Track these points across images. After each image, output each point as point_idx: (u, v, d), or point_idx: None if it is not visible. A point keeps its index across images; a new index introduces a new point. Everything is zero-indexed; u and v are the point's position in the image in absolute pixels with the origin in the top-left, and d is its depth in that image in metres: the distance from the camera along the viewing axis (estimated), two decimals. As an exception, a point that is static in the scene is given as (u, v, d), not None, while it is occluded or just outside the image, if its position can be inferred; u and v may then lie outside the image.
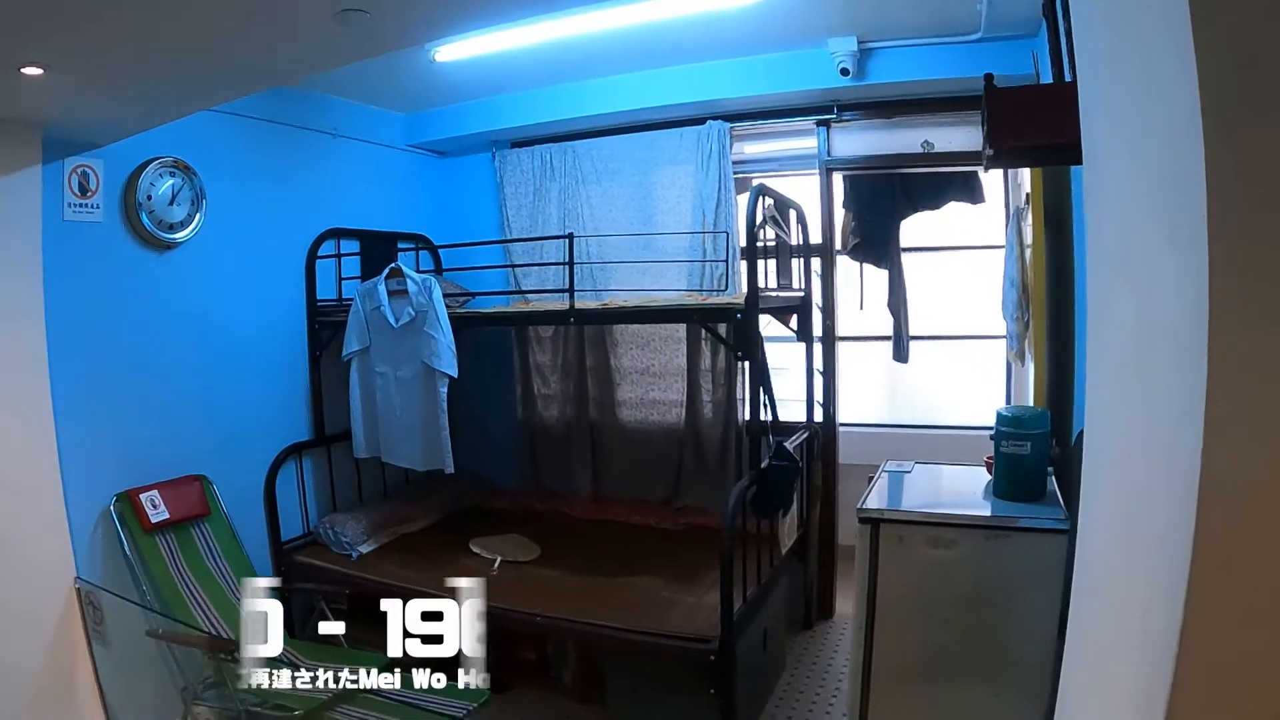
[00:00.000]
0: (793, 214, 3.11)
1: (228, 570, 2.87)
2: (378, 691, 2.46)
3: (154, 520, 2.72)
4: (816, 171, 3.21)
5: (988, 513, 1.99)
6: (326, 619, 2.75)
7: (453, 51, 2.89)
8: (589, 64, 3.13)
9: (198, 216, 2.92)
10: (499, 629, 2.87)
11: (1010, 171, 3.06)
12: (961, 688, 1.94)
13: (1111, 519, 0.86)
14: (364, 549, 3.10)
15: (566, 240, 2.78)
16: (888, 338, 3.57)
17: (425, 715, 2.39)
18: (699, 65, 3.08)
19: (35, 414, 2.45)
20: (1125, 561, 0.79)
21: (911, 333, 3.60)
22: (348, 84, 3.24)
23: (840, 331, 3.33)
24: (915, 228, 3.64)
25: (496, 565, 2.88)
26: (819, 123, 3.14)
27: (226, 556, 2.88)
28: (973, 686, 1.92)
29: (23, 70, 1.95)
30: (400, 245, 3.69)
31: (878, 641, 2.02)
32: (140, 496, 2.73)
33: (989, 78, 1.63)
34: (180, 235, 2.89)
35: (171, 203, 2.84)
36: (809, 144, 3.22)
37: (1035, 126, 1.43)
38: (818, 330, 3.23)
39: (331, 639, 2.71)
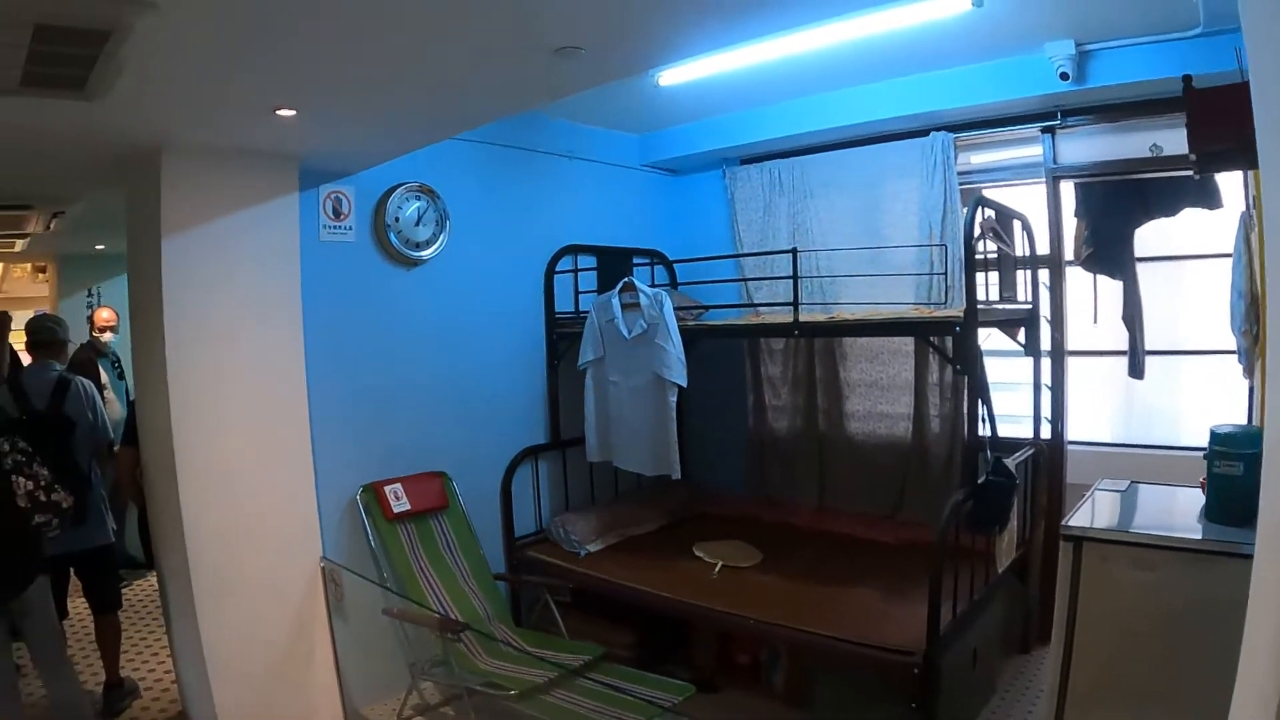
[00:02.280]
0: (1017, 225, 3.43)
1: (461, 559, 3.65)
2: (590, 679, 3.12)
3: (396, 510, 3.53)
4: (1043, 180, 3.54)
5: (1196, 535, 2.14)
6: (550, 610, 3.51)
7: (675, 76, 3.41)
8: (811, 80, 3.58)
9: (442, 236, 3.75)
10: (715, 631, 3.51)
11: (1248, 173, 3.22)
12: (1161, 716, 2.07)
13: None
14: (591, 548, 3.78)
15: (792, 254, 3.27)
16: (1122, 352, 3.70)
17: (633, 704, 2.82)
18: (919, 76, 3.47)
19: (294, 413, 3.26)
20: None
21: (1147, 347, 3.66)
22: (581, 109, 3.95)
23: (1071, 345, 3.63)
24: (1151, 236, 3.85)
25: (717, 570, 3.39)
26: (1043, 129, 3.47)
27: (461, 547, 3.67)
28: (1173, 715, 2.04)
29: (277, 112, 2.62)
30: (636, 260, 4.46)
31: (1076, 662, 2.20)
32: (385, 488, 3.54)
33: (1187, 79, 1.78)
34: (426, 253, 3.71)
35: (417, 224, 3.67)
36: (1035, 152, 3.56)
37: (1231, 127, 1.52)
38: (1046, 344, 3.53)
39: (553, 628, 3.51)
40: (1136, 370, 3.83)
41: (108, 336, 5.20)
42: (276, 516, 3.21)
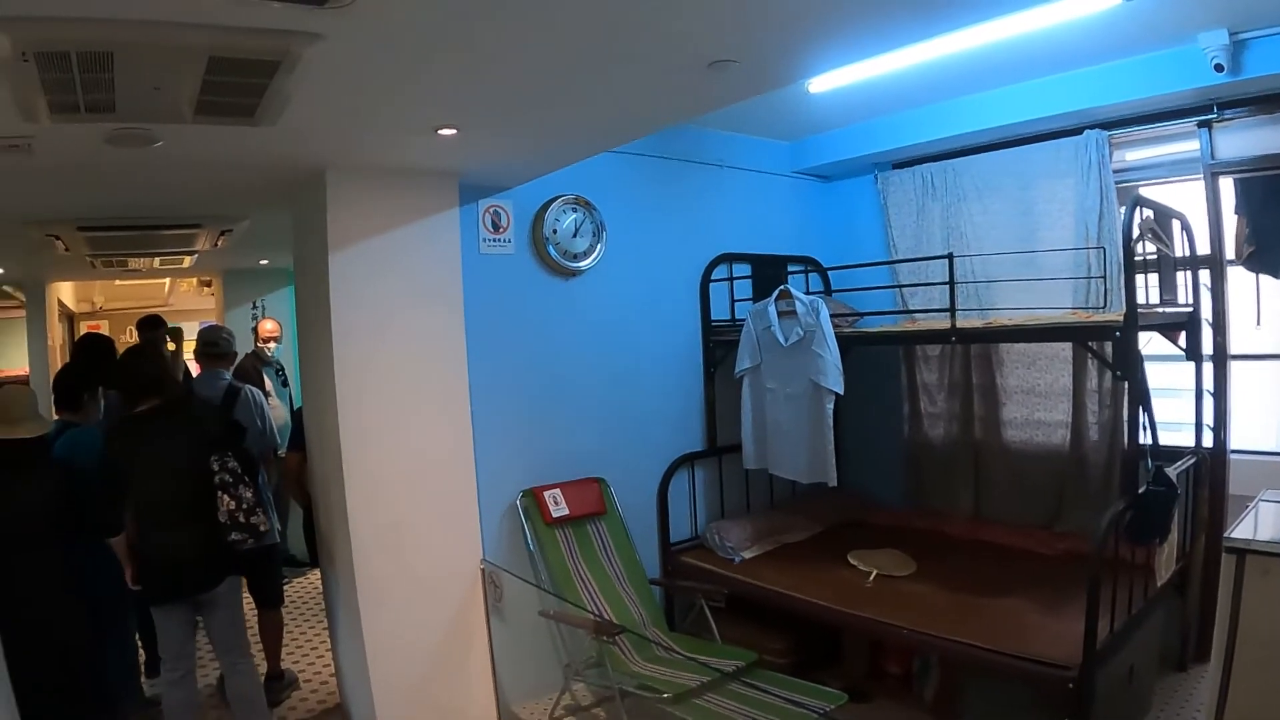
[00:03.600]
0: (1176, 224, 3.53)
1: (617, 564, 4.07)
2: (743, 684, 3.41)
3: (554, 515, 3.97)
4: (1201, 176, 3.61)
5: (1371, 550, 2.15)
6: (704, 616, 3.88)
7: (825, 82, 3.65)
8: (962, 81, 3.79)
9: (599, 246, 4.19)
10: (867, 640, 3.82)
11: None
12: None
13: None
14: (746, 554, 4.06)
15: (947, 260, 3.46)
16: (1290, 356, 3.67)
17: (785, 710, 3.03)
18: (1069, 74, 3.64)
19: (457, 419, 3.69)
20: None
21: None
22: (731, 117, 4.21)
23: (1234, 349, 3.69)
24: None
25: (872, 578, 3.63)
26: (1199, 124, 3.57)
27: (617, 551, 4.09)
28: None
29: (439, 132, 2.97)
30: (790, 268, 4.84)
31: (1235, 682, 2.24)
32: (544, 494, 3.99)
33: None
34: (584, 264, 4.15)
35: (575, 235, 4.11)
36: (1191, 147, 3.66)
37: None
38: (1208, 348, 3.63)
39: (706, 634, 3.86)
40: (1306, 375, 3.93)
41: (272, 346, 5.86)
42: (439, 520, 3.65)
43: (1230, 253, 3.82)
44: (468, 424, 3.65)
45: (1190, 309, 3.69)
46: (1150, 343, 3.51)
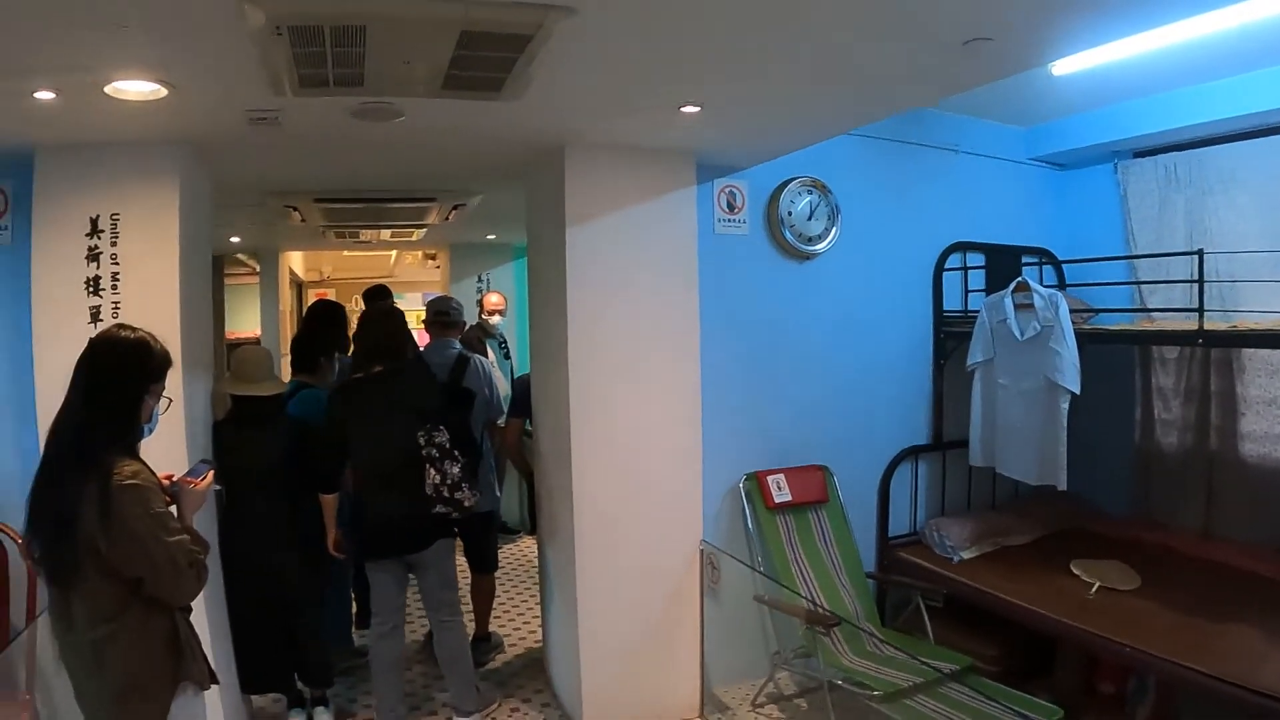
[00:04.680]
0: None
1: (836, 554, 4.26)
2: (956, 689, 3.58)
3: (777, 500, 4.20)
4: None
5: None
6: (921, 614, 4.05)
7: (1070, 64, 3.61)
8: (1211, 64, 3.67)
9: (833, 230, 4.39)
10: (1084, 654, 3.80)
11: None
12: None
13: None
14: (965, 555, 4.11)
15: (1195, 257, 3.42)
16: None
17: None
18: None
19: (688, 398, 3.91)
20: None
21: None
22: (966, 100, 4.20)
23: None
24: None
25: (1094, 590, 3.65)
26: None
27: (837, 542, 4.28)
28: None
29: (682, 109, 3.15)
30: (1024, 259, 4.91)
31: None
32: (767, 478, 4.21)
33: None
34: (818, 247, 4.36)
35: (810, 218, 4.33)
36: None
37: None
38: None
39: (919, 633, 4.04)
40: None
41: (495, 319, 6.30)
42: (663, 498, 3.89)
43: None
44: (697, 403, 3.84)
45: None
46: None
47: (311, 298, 10.12)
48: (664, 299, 3.88)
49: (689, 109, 3.01)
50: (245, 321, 9.49)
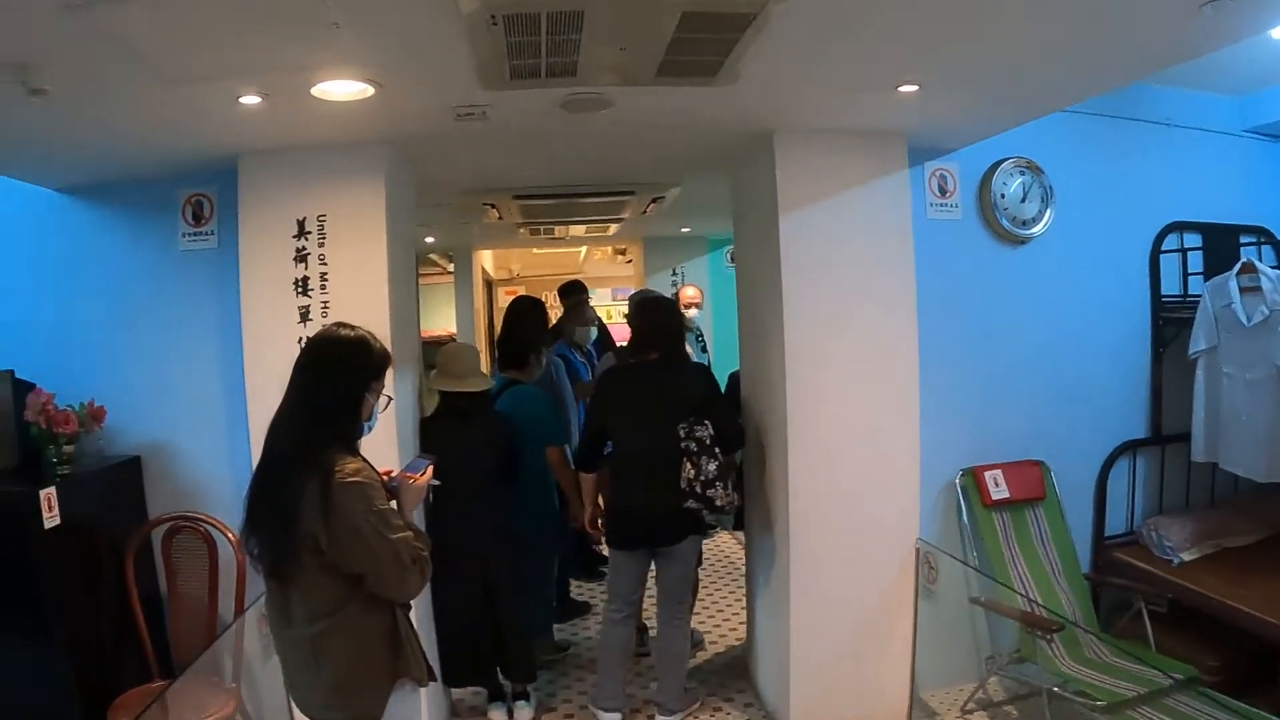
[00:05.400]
0: None
1: (1053, 554, 4.20)
2: (1179, 701, 3.47)
3: (994, 497, 4.17)
4: None
5: None
6: (1142, 619, 3.96)
7: None
8: None
9: (1047, 213, 4.33)
10: None
11: None
12: None
13: None
14: (1185, 556, 4.01)
15: None
16: None
17: None
18: None
19: (904, 390, 3.90)
20: None
21: None
22: (1174, 70, 3.97)
23: None
24: None
25: None
26: None
27: (1054, 541, 4.22)
28: None
29: (899, 89, 3.13)
30: (1242, 239, 4.75)
31: None
32: (984, 474, 4.18)
33: None
34: (1032, 231, 4.31)
35: (1023, 200, 4.28)
36: None
37: None
38: None
39: (1140, 639, 3.94)
40: None
41: (692, 312, 6.39)
42: (878, 494, 3.89)
43: None
44: (915, 396, 3.83)
45: None
46: None
47: (501, 296, 10.59)
48: (880, 289, 3.88)
49: (907, 88, 3.00)
50: (438, 320, 9.82)
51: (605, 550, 4.27)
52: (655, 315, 3.91)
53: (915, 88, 2.99)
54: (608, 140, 3.67)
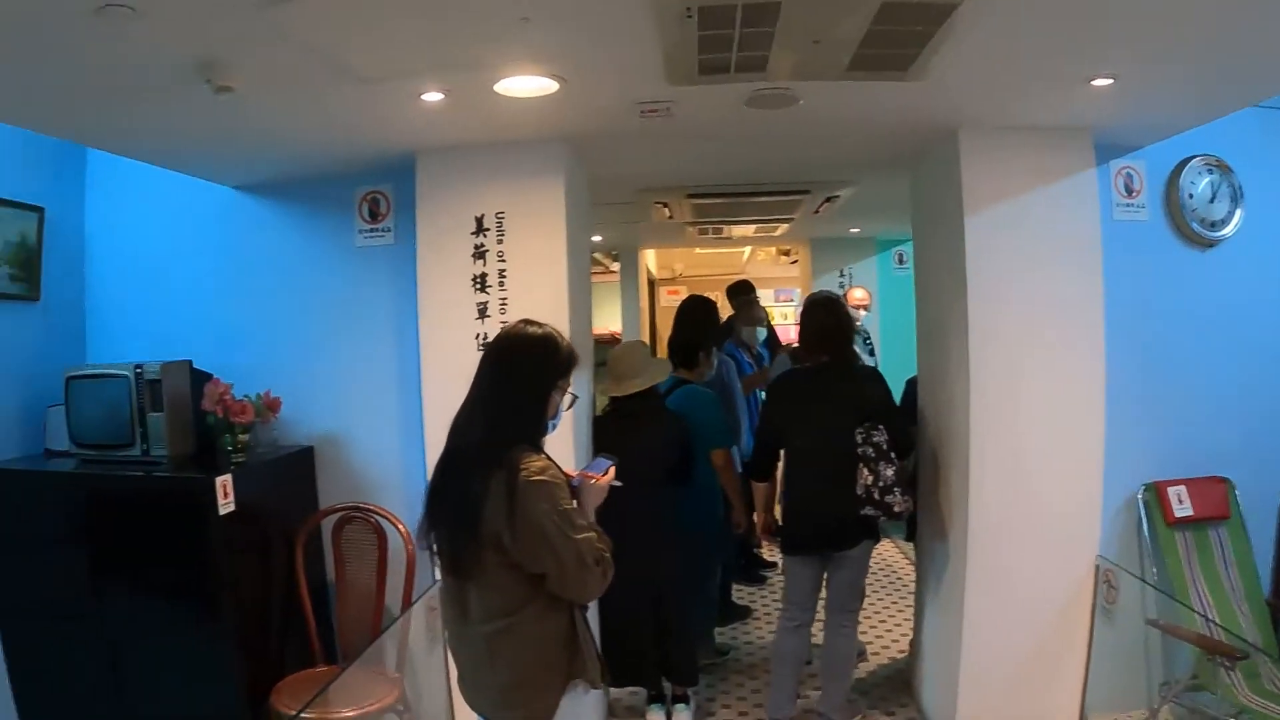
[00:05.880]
0: None
1: (1235, 577, 4.02)
2: None
3: (1177, 515, 3.98)
4: None
5: None
6: None
7: None
8: None
9: (1236, 214, 4.14)
10: None
11: None
12: None
13: None
14: None
15: None
16: None
17: None
18: None
19: (1089, 400, 3.74)
20: None
21: None
22: None
23: None
24: None
25: None
26: None
27: (1237, 564, 4.04)
28: None
29: (1092, 83, 2.98)
30: None
31: None
32: (1168, 490, 4.00)
33: None
34: (1221, 233, 4.12)
35: (1211, 200, 4.10)
36: None
37: None
38: None
39: None
40: None
41: (860, 314, 6.34)
42: (1059, 508, 3.75)
43: None
44: (1100, 406, 3.78)
45: None
46: None
47: (663, 295, 10.82)
48: (1067, 295, 3.74)
49: (1101, 81, 2.88)
50: (601, 319, 9.96)
51: (767, 554, 4.21)
52: (824, 316, 3.85)
53: (1110, 80, 2.87)
54: (787, 138, 3.61)
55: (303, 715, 3.12)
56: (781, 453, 3.89)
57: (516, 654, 2.17)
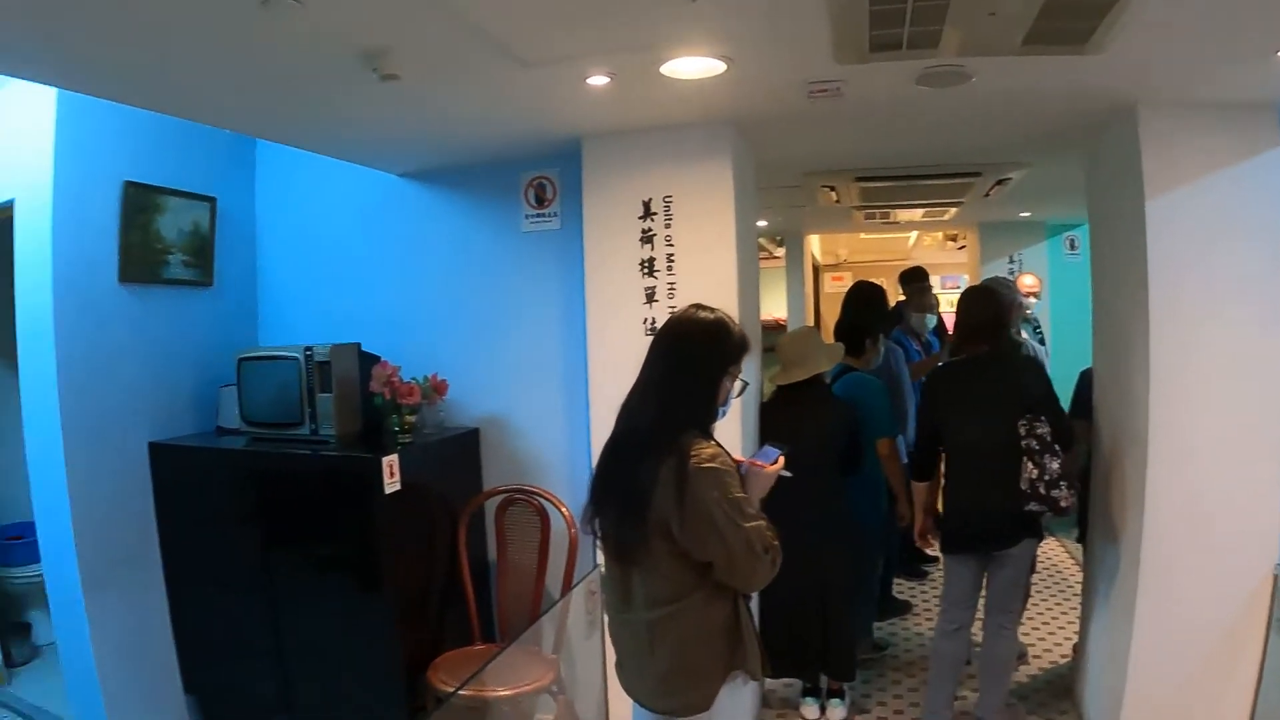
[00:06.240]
0: None
1: None
2: None
3: None
4: None
5: None
6: None
7: None
8: None
9: None
10: None
11: None
12: None
13: None
14: None
15: None
16: None
17: None
18: None
19: (1274, 399, 3.55)
20: None
21: None
22: None
23: None
24: None
25: None
26: None
27: None
28: None
29: (1278, 54, 2.81)
30: None
31: None
32: None
33: None
34: None
35: None
36: None
37: None
38: None
39: None
40: None
41: (1031, 302, 6.17)
42: (1237, 513, 3.58)
43: None
44: None
45: None
46: None
47: (828, 281, 10.66)
48: (1252, 285, 3.55)
49: None
50: (766, 305, 10.01)
51: (930, 550, 4.12)
52: (981, 306, 3.75)
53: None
54: (958, 118, 3.50)
55: (459, 692, 3.21)
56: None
57: (679, 642, 2.14)
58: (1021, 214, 7.28)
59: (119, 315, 4.04)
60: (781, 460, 2.42)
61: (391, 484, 3.62)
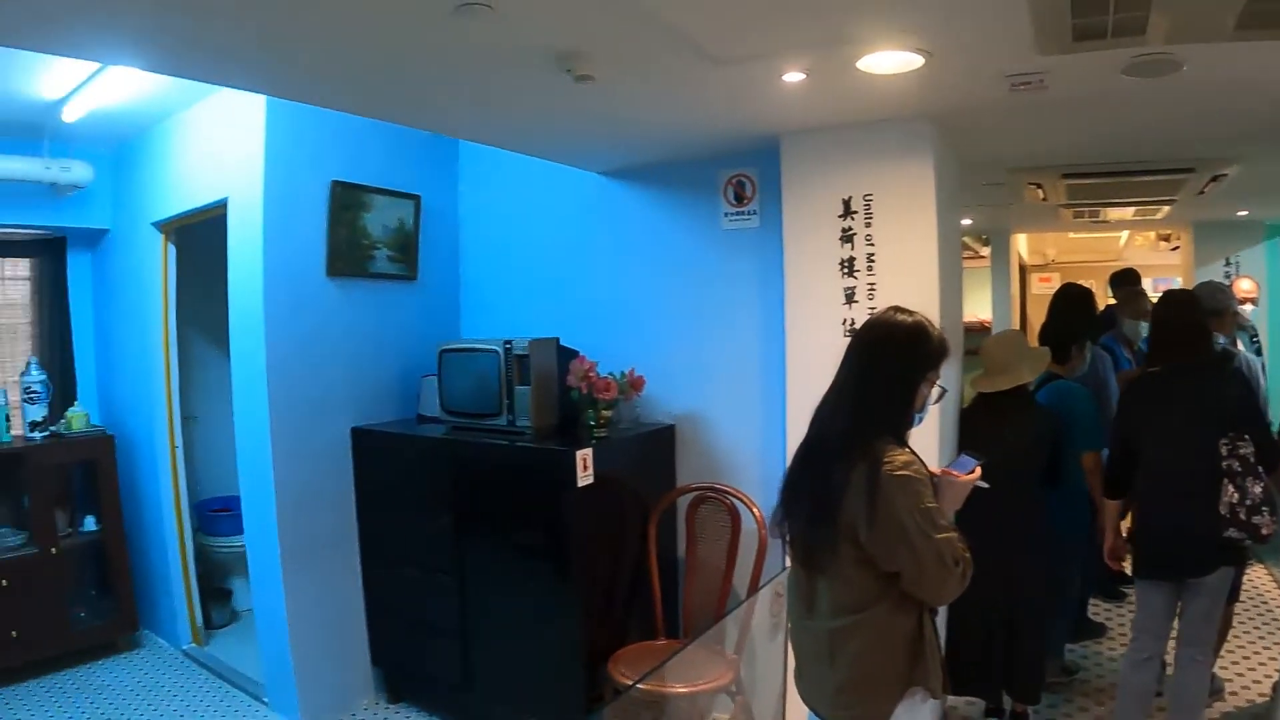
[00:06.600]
0: None
1: None
2: None
3: None
4: None
5: None
6: None
7: None
8: None
9: None
10: None
11: None
12: None
13: None
14: None
15: None
16: None
17: None
18: None
19: None
20: None
21: None
22: None
23: None
24: None
25: None
26: None
27: None
28: None
29: None
30: None
31: None
32: None
33: None
34: None
35: None
36: None
37: None
38: None
39: None
40: None
41: (1247, 308, 5.83)
42: None
43: None
44: None
45: None
46: None
47: (1034, 282, 10.40)
48: None
49: None
50: (970, 306, 9.94)
51: (1128, 569, 3.90)
52: (1173, 311, 3.53)
53: None
54: (1167, 110, 3.36)
55: (638, 685, 3.24)
56: None
57: (859, 653, 2.09)
58: (1239, 212, 6.90)
59: (326, 307, 4.28)
60: (978, 471, 2.36)
61: (585, 477, 3.67)
